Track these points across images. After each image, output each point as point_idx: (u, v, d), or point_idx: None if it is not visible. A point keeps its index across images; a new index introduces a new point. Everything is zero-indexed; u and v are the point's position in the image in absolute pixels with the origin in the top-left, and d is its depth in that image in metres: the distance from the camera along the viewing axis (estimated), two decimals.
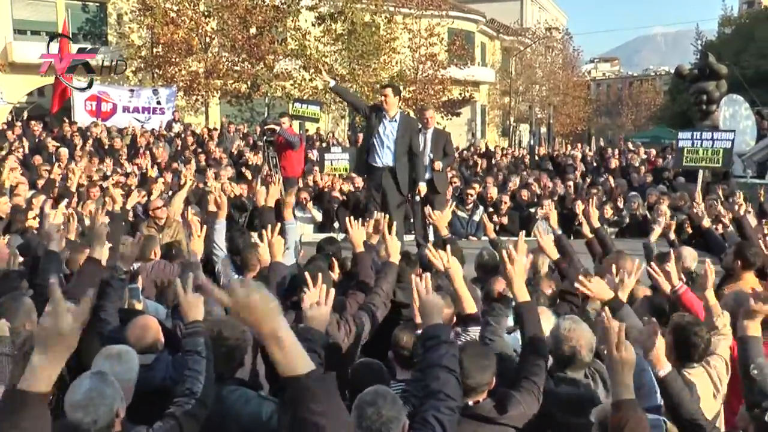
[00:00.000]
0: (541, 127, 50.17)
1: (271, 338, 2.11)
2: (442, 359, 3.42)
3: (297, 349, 2.14)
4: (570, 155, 22.52)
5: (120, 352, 3.76)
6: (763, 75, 28.83)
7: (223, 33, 30.05)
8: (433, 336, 3.52)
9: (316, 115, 18.31)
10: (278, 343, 2.10)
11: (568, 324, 4.00)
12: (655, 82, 77.81)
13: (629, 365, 3.20)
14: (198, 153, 17.76)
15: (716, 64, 21.89)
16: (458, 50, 38.77)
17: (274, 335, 2.10)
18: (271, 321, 2.11)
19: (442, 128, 9.36)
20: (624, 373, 3.18)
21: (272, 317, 2.11)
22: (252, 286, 2.12)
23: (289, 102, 28.53)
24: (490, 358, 3.80)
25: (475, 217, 12.17)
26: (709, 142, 13.01)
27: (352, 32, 32.57)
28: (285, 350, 2.11)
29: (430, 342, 3.50)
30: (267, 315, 2.10)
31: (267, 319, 2.10)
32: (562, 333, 3.96)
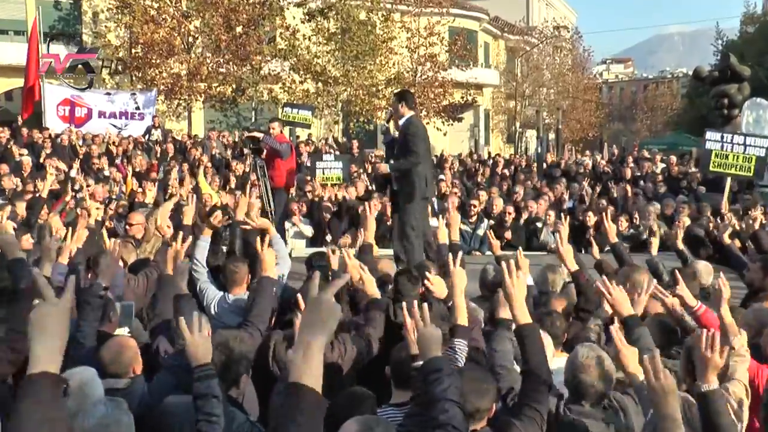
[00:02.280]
0: (549, 133, 50.28)
1: (309, 344, 2.30)
2: (446, 393, 3.51)
3: (318, 369, 2.30)
4: (580, 162, 22.55)
5: (81, 384, 3.72)
6: None
7: (207, 32, 30.12)
8: (436, 369, 3.60)
9: (308, 120, 18.39)
10: (310, 353, 2.29)
11: (585, 351, 3.99)
12: (671, 85, 78.13)
13: (672, 393, 3.24)
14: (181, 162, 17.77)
15: (738, 66, 22.02)
16: (460, 51, 38.83)
17: (312, 343, 2.30)
18: (325, 330, 2.33)
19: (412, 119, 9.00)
20: (668, 403, 3.23)
21: (328, 328, 2.34)
22: (332, 290, 2.42)
23: (277, 106, 28.60)
24: (490, 382, 3.83)
25: (479, 231, 12.16)
26: (741, 147, 12.59)
27: (346, 31, 32.68)
28: (309, 360, 2.29)
29: (433, 376, 3.58)
30: (328, 323, 2.35)
31: (326, 326, 2.34)
32: (579, 361, 3.94)
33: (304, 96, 31.41)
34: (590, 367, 3.89)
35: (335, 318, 2.37)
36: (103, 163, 16.66)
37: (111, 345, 4.34)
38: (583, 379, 3.90)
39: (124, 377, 4.24)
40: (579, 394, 3.94)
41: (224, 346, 4.04)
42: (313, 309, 2.39)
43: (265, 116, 27.38)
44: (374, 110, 34.15)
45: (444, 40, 37.80)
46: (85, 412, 3.31)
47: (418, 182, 8.69)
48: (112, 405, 3.38)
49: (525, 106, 50.18)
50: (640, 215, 13.11)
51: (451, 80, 37.20)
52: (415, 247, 8.38)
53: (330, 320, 2.36)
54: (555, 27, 53.19)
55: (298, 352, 2.31)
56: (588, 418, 3.89)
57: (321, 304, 2.37)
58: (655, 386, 3.26)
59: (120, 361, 4.25)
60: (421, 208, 8.86)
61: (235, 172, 16.60)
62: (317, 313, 2.36)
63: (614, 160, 24.42)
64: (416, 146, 8.70)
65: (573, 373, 3.96)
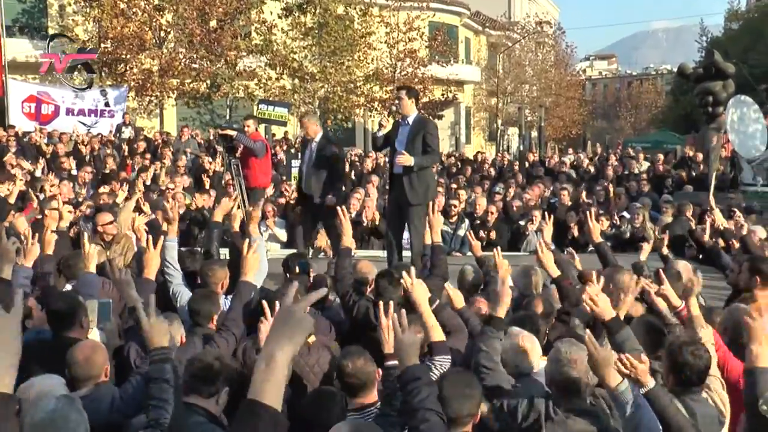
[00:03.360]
0: (531, 131, 50.55)
1: (273, 356, 2.20)
2: (425, 402, 3.58)
3: (280, 383, 2.21)
4: (562, 161, 22.67)
5: (39, 395, 3.70)
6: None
7: (180, 27, 29.95)
8: (415, 378, 3.67)
9: (284, 117, 18.35)
10: (274, 365, 2.19)
11: (567, 347, 4.02)
12: (655, 82, 78.80)
13: (609, 366, 3.71)
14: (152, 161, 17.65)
15: (723, 63, 22.14)
16: (440, 46, 38.89)
17: (277, 356, 2.20)
18: (291, 343, 2.22)
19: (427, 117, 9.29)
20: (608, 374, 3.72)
21: (296, 341, 2.24)
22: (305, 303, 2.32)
23: (252, 103, 28.50)
24: (474, 386, 3.85)
25: (459, 232, 12.21)
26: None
27: (324, 26, 32.63)
28: (272, 376, 2.19)
29: (412, 385, 3.65)
30: (296, 336, 2.24)
31: (293, 339, 2.23)
32: (564, 357, 3.97)
33: (280, 92, 31.33)
34: (574, 362, 3.92)
35: (304, 331, 2.28)
36: (71, 162, 16.52)
37: (79, 350, 4.32)
38: (568, 374, 3.92)
39: (93, 382, 4.22)
40: (566, 390, 3.97)
41: (217, 355, 4.05)
42: (282, 319, 2.30)
43: (240, 113, 27.26)
44: (352, 107, 34.15)
45: (424, 36, 37.84)
46: (36, 407, 3.29)
47: (432, 184, 8.93)
48: (64, 401, 3.36)
49: (507, 103, 50.32)
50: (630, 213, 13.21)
51: (432, 77, 37.27)
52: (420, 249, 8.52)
53: (298, 333, 2.26)
54: (537, 22, 53.41)
55: (260, 365, 2.22)
56: (578, 415, 3.92)
57: (291, 315, 2.28)
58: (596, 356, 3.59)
59: (88, 366, 4.23)
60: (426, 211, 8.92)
61: (209, 172, 16.53)
62: (286, 325, 2.27)
63: (598, 158, 24.57)
64: (437, 145, 8.94)
65: (558, 370, 3.98)
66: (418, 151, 8.68)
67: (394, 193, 8.98)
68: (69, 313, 4.93)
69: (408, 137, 8.77)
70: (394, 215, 9.13)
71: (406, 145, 8.73)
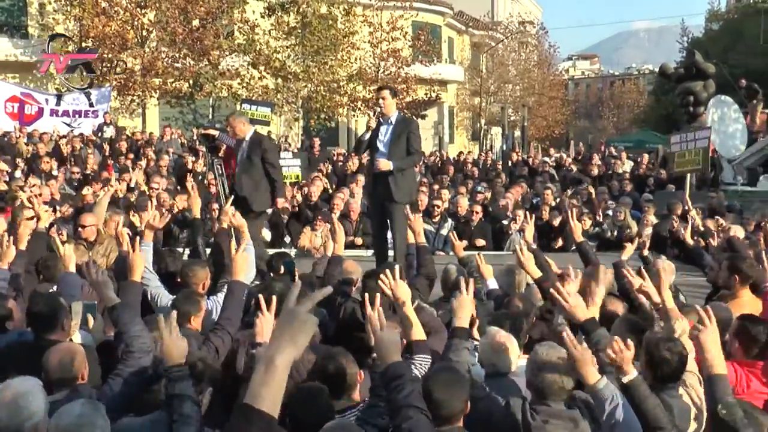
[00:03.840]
0: (514, 130, 50.68)
1: (272, 360, 2.16)
2: (409, 399, 3.58)
3: (278, 388, 2.17)
4: (543, 161, 22.77)
5: (15, 396, 3.62)
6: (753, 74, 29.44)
7: (162, 25, 29.84)
8: (398, 376, 3.67)
9: (267, 117, 18.30)
10: (273, 370, 2.16)
11: (545, 349, 4.04)
12: (638, 82, 79.18)
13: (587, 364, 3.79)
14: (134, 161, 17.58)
15: (703, 63, 22.36)
16: (423, 46, 38.96)
17: (277, 360, 2.16)
18: (294, 347, 2.19)
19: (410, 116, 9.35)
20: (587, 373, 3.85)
21: (299, 345, 2.20)
22: (309, 304, 2.25)
23: (235, 102, 28.44)
24: (462, 381, 3.88)
25: (443, 231, 12.24)
26: (692, 143, 13.30)
27: (307, 25, 32.59)
28: (270, 380, 2.15)
29: (395, 382, 3.64)
30: (299, 339, 2.20)
31: (296, 342, 2.20)
32: (540, 359, 3.99)
33: (263, 92, 31.28)
34: (552, 365, 3.93)
35: (308, 334, 2.23)
36: (52, 163, 16.42)
37: (55, 353, 4.29)
38: (545, 377, 3.93)
39: (71, 384, 4.21)
40: (543, 394, 3.96)
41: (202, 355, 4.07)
42: (285, 321, 2.24)
43: (223, 113, 27.20)
44: (335, 107, 34.14)
45: (407, 35, 37.90)
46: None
47: (414, 182, 8.96)
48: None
49: (490, 102, 50.41)
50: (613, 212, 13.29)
51: (415, 76, 37.30)
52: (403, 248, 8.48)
53: (301, 336, 2.21)
54: (520, 22, 53.59)
55: (260, 369, 2.17)
56: (556, 419, 3.92)
57: (295, 318, 2.22)
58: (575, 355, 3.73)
59: (64, 369, 4.22)
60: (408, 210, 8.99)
61: (193, 171, 16.47)
62: (289, 327, 2.21)
63: (581, 158, 24.70)
64: (420, 145, 9.02)
65: (535, 373, 3.98)
66: (402, 152, 8.74)
67: (378, 191, 8.96)
68: (50, 315, 4.90)
69: (392, 137, 8.80)
70: (377, 215, 9.15)
71: (390, 145, 8.77)
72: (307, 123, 35.49)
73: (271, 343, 2.24)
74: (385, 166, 8.67)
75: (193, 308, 5.43)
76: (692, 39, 53.46)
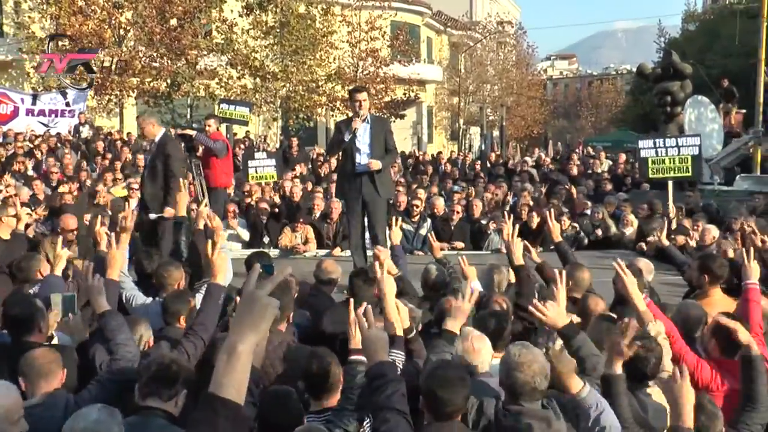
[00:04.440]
0: (493, 130, 50.84)
1: (235, 347, 2.14)
2: (390, 400, 3.54)
3: (241, 376, 2.15)
4: (523, 161, 22.86)
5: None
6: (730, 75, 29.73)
7: (139, 25, 29.68)
8: (380, 375, 3.63)
9: (245, 117, 18.20)
10: (235, 357, 2.13)
11: (517, 350, 4.05)
12: (616, 82, 79.69)
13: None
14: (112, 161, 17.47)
15: (680, 63, 22.55)
16: (402, 45, 39.01)
17: (239, 347, 2.14)
18: (255, 331, 2.15)
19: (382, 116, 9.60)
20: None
21: (261, 329, 2.17)
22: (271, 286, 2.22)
23: (213, 102, 28.34)
24: (464, 379, 3.90)
25: (421, 231, 12.26)
26: (675, 149, 13.05)
27: (285, 25, 32.53)
28: (233, 367, 2.13)
29: (378, 382, 3.61)
30: (261, 324, 2.16)
31: (258, 327, 2.16)
32: (513, 359, 4.01)
33: (241, 92, 31.18)
34: (524, 365, 3.94)
35: (269, 317, 2.19)
36: (27, 163, 16.30)
37: (31, 357, 4.27)
38: (517, 377, 3.93)
39: (46, 390, 4.19)
40: (515, 394, 3.96)
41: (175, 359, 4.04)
42: (245, 306, 2.19)
43: (201, 113, 27.08)
44: (314, 107, 34.10)
45: (386, 35, 37.93)
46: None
47: (392, 179, 9.19)
48: (106, 411, 3.41)
49: (469, 102, 50.58)
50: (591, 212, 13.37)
51: (393, 76, 37.32)
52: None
53: (263, 320, 2.17)
54: (499, 22, 53.70)
55: (222, 357, 2.13)
56: (528, 418, 3.92)
57: (255, 301, 2.18)
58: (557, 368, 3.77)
59: (41, 374, 4.20)
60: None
61: None
62: (249, 311, 2.17)
63: (559, 157, 24.81)
64: (395, 143, 9.36)
65: (507, 372, 3.97)
66: (382, 151, 9.02)
67: (361, 190, 9.03)
68: (27, 318, 4.86)
69: (371, 137, 8.96)
70: (357, 213, 9.19)
71: (372, 144, 8.94)
72: (286, 123, 35.42)
73: (232, 329, 2.20)
74: (376, 165, 8.90)
75: (183, 307, 5.44)
76: (669, 39, 53.83)
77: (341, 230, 12.29)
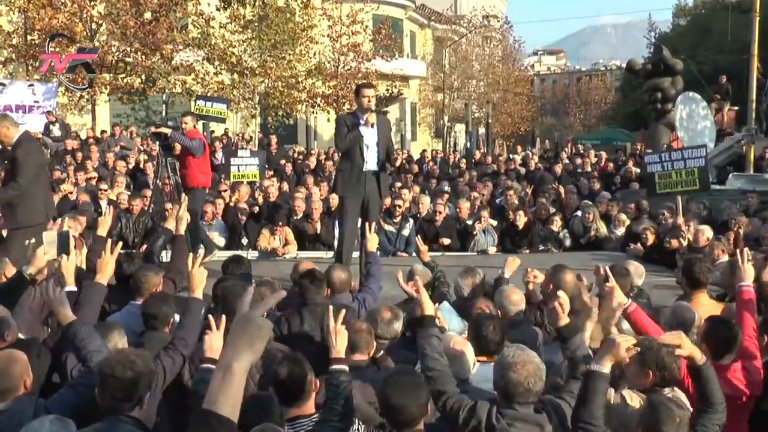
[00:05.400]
0: (478, 127, 50.90)
1: (230, 366, 2.21)
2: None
3: (236, 393, 2.23)
4: (511, 158, 22.91)
5: None
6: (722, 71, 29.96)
7: (112, 18, 29.50)
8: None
9: (223, 114, 18.17)
10: (230, 375, 2.21)
11: (512, 351, 4.08)
12: (605, 78, 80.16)
13: None
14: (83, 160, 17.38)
15: (671, 59, 22.73)
16: (384, 40, 38.96)
17: (234, 366, 2.22)
18: (251, 352, 2.24)
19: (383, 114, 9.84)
20: None
21: (256, 349, 2.25)
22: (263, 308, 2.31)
23: (190, 99, 28.23)
24: (420, 384, 3.96)
25: (404, 231, 12.27)
26: (681, 162, 12.90)
27: (264, 18, 32.41)
28: (228, 387, 2.20)
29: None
30: (255, 344, 2.25)
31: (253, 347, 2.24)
32: (507, 360, 4.03)
33: (218, 88, 31.07)
34: (518, 365, 3.97)
35: (264, 337, 2.27)
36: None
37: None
38: (510, 378, 3.96)
39: (11, 395, 4.17)
40: (509, 395, 4.00)
41: (130, 363, 3.99)
42: (240, 326, 2.28)
43: (177, 110, 26.96)
44: (294, 103, 34.00)
45: (368, 29, 37.88)
46: (28, 428, 3.38)
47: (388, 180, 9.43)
48: (59, 423, 3.42)
49: (453, 99, 50.61)
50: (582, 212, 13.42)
51: (376, 71, 37.26)
52: None
53: (258, 341, 2.25)
54: (484, 16, 53.86)
55: (217, 375, 2.21)
56: (521, 422, 3.95)
57: (250, 323, 2.26)
58: None
59: (5, 379, 4.18)
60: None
61: (145, 171, 16.32)
62: (244, 333, 2.25)
63: (547, 155, 24.90)
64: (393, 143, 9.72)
65: (501, 373, 4.02)
66: (386, 150, 9.25)
67: (364, 189, 9.10)
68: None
69: (378, 134, 9.10)
70: (356, 213, 9.21)
71: (379, 142, 9.11)
72: (265, 120, 35.30)
73: (227, 349, 2.27)
74: (389, 168, 9.52)
75: (171, 311, 5.46)
76: (660, 34, 54.29)
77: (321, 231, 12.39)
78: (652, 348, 4.34)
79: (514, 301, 6.15)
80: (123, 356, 4.03)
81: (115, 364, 3.94)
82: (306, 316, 5.88)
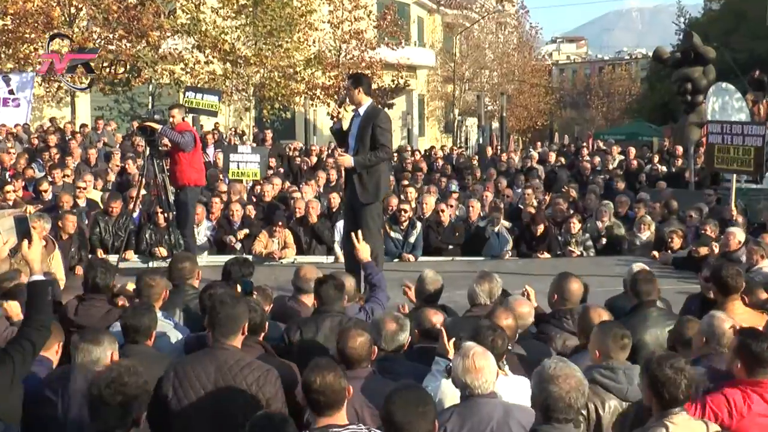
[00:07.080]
0: (492, 121, 50.88)
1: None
2: None
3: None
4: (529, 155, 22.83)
5: None
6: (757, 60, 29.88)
7: (93, 2, 29.51)
8: None
9: (214, 106, 18.20)
10: None
11: (554, 363, 4.09)
12: (629, 67, 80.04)
13: None
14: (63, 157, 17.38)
15: (702, 47, 22.68)
16: (389, 26, 38.94)
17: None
18: None
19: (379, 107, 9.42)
20: None
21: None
22: None
23: (179, 90, 28.26)
24: (426, 402, 3.94)
25: (410, 239, 12.22)
26: (740, 137, 12.56)
27: (258, 3, 32.40)
28: None
29: None
30: None
31: None
32: (547, 372, 4.03)
33: (210, 78, 31.10)
34: (559, 378, 3.97)
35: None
36: None
37: None
38: (551, 392, 3.97)
39: None
40: (548, 410, 3.99)
41: (120, 386, 3.95)
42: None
43: (164, 102, 27.02)
44: (291, 95, 33.98)
45: (371, 15, 37.86)
46: None
47: (383, 180, 8.95)
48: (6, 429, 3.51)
49: (465, 90, 50.56)
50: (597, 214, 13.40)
51: (381, 61, 37.27)
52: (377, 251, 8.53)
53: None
54: (498, 0, 53.80)
55: None
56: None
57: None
58: None
59: None
60: (380, 209, 9.29)
61: (127, 170, 16.32)
62: None
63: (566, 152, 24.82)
64: (387, 140, 8.93)
65: (539, 386, 4.03)
66: (366, 147, 8.77)
67: (347, 193, 9.09)
68: None
69: (358, 131, 8.83)
70: (348, 218, 9.19)
71: (356, 140, 8.81)
72: (260, 113, 35.30)
73: None
74: (344, 162, 8.87)
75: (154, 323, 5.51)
76: (690, 20, 54.04)
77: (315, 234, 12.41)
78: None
79: (521, 314, 6.10)
80: (113, 377, 3.97)
81: (104, 388, 3.91)
82: (321, 325, 5.87)
